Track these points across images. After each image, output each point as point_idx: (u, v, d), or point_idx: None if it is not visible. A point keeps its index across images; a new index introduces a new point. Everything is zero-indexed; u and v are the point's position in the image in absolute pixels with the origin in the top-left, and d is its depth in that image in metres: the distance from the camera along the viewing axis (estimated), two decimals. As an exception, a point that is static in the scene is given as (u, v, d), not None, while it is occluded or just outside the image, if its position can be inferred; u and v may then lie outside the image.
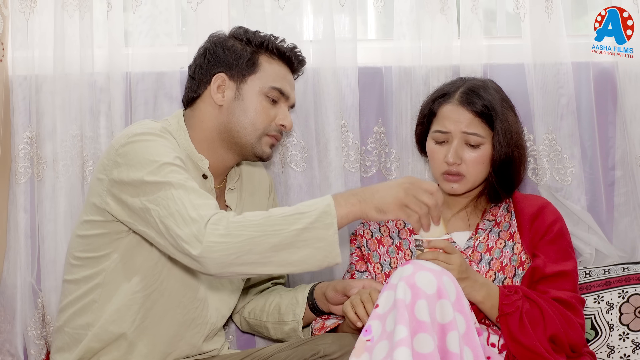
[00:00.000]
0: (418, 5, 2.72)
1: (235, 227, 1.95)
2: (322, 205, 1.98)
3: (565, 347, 2.22)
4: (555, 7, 2.68)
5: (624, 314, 2.53)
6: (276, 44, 2.34)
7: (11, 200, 2.71)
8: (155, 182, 2.07)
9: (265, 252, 1.96)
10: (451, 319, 1.94)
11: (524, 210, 2.38)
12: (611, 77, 2.75)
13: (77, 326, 2.26)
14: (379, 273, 2.41)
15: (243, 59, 2.30)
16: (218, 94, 2.30)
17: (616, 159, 2.77)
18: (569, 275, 2.30)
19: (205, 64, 2.32)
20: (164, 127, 2.25)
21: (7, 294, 2.71)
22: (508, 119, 2.36)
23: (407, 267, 2.00)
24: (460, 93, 2.38)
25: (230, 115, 2.29)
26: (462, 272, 2.15)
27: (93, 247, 2.24)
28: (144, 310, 2.23)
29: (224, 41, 2.34)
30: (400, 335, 1.89)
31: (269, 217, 1.97)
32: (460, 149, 2.34)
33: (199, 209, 1.99)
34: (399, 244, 2.41)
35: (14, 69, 2.71)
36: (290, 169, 2.72)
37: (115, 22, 2.67)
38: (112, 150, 2.18)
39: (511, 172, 2.38)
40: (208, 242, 1.94)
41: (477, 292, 2.20)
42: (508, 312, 2.17)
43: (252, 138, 2.30)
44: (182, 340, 2.29)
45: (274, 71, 2.33)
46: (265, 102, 2.31)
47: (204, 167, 2.29)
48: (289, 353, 2.21)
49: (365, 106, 2.77)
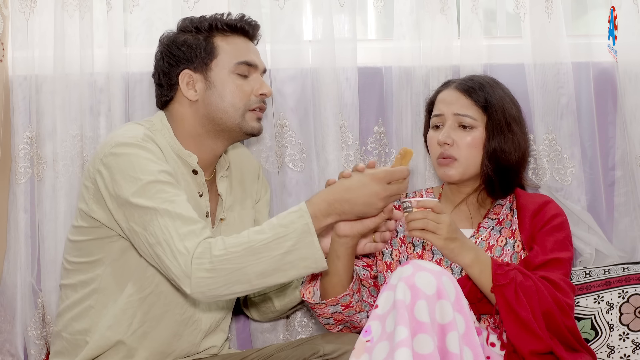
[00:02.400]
0: (418, 6, 2.72)
1: (219, 261, 2.00)
2: (300, 224, 2.01)
3: (562, 329, 2.19)
4: (555, 7, 2.68)
5: (624, 314, 2.52)
6: (224, 20, 2.31)
7: (11, 200, 2.71)
8: (141, 207, 2.08)
9: (253, 280, 2.01)
10: (451, 319, 1.94)
11: (526, 206, 2.37)
12: (611, 77, 2.75)
13: (74, 332, 2.26)
14: (380, 260, 2.42)
15: (200, 48, 2.28)
16: (189, 90, 2.28)
17: (616, 159, 2.77)
18: (561, 262, 2.28)
19: (167, 68, 2.31)
20: (147, 134, 2.22)
21: (7, 294, 2.71)
22: (505, 106, 2.37)
23: (406, 267, 2.00)
24: (458, 80, 2.44)
25: (208, 106, 2.28)
26: (452, 233, 2.15)
27: (85, 252, 2.25)
28: (141, 314, 2.23)
29: (174, 39, 2.31)
30: (401, 336, 1.89)
31: (250, 246, 2.00)
32: (453, 130, 2.36)
33: (185, 240, 2.03)
34: (403, 237, 2.41)
35: (14, 69, 2.71)
36: (289, 169, 2.72)
37: (114, 22, 2.67)
38: (97, 159, 2.19)
39: (506, 164, 2.36)
40: (196, 278, 2.00)
41: (465, 255, 2.18)
42: (503, 283, 2.16)
43: (236, 119, 2.28)
44: (181, 339, 2.29)
45: (233, 47, 2.30)
46: (237, 80, 2.29)
47: (193, 163, 2.28)
48: (289, 352, 2.22)
49: (366, 106, 2.77)
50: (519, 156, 2.38)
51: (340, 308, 2.29)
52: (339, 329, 2.37)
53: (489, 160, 2.34)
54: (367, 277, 2.41)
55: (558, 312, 2.18)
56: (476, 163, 2.37)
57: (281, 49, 2.72)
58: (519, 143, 2.38)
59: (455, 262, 2.19)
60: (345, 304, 2.28)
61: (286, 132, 2.71)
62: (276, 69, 2.72)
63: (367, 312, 2.34)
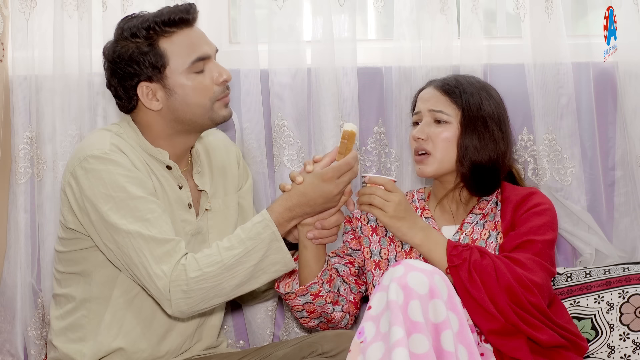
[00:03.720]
0: (418, 6, 2.72)
1: (195, 282, 2.07)
2: (266, 234, 2.11)
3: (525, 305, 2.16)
4: (555, 7, 2.68)
5: (625, 314, 2.52)
6: (160, 19, 2.17)
7: (11, 200, 2.71)
8: (114, 227, 2.10)
9: (229, 292, 2.12)
10: (444, 318, 1.94)
11: (510, 198, 2.36)
12: (611, 77, 2.75)
13: (69, 340, 2.25)
14: (368, 259, 2.42)
15: (148, 60, 2.16)
16: (152, 101, 2.21)
17: (616, 159, 2.77)
18: (533, 243, 2.25)
19: (121, 84, 2.21)
20: (114, 143, 2.18)
21: (8, 294, 2.72)
22: (482, 104, 2.35)
23: (398, 267, 2.00)
24: (438, 79, 2.45)
25: (174, 112, 2.21)
26: (399, 212, 2.22)
27: (70, 262, 2.25)
28: (132, 316, 2.23)
29: (118, 52, 2.19)
30: (396, 337, 1.89)
31: (224, 264, 2.08)
32: (427, 126, 2.36)
33: (161, 263, 2.07)
34: (392, 236, 2.41)
35: (14, 69, 2.72)
36: (287, 168, 2.72)
37: (111, 22, 2.66)
38: (67, 171, 2.19)
39: (480, 162, 2.33)
40: (175, 300, 2.07)
41: (414, 234, 2.25)
42: (457, 263, 2.18)
43: (206, 114, 2.23)
44: (175, 331, 2.28)
45: (180, 45, 2.18)
46: (195, 77, 2.20)
47: (165, 159, 2.25)
48: (288, 351, 2.22)
49: (365, 106, 2.77)
50: (494, 156, 2.34)
51: (310, 298, 2.32)
52: (314, 324, 2.39)
53: (463, 157, 2.33)
54: (348, 274, 2.42)
55: (519, 288, 2.16)
56: (451, 158, 2.36)
57: (280, 49, 2.72)
58: (495, 142, 2.34)
59: (404, 241, 2.28)
60: (314, 293, 2.31)
61: (284, 132, 2.71)
62: (275, 69, 2.72)
63: (343, 306, 2.37)
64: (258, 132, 2.73)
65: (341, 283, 2.40)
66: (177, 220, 2.24)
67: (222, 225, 2.36)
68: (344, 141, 2.19)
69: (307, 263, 2.29)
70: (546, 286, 2.24)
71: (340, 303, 2.37)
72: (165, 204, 2.22)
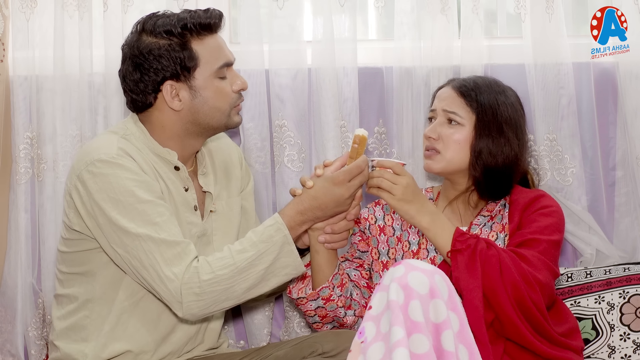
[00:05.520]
0: (419, 6, 2.72)
1: (207, 284, 2.07)
2: (279, 237, 2.12)
3: (527, 301, 2.15)
4: (555, 7, 2.68)
5: (625, 314, 2.52)
6: (197, 21, 2.19)
7: (12, 200, 2.72)
8: (123, 230, 2.09)
9: (241, 295, 2.12)
10: (445, 318, 1.94)
11: (518, 200, 2.36)
12: (612, 77, 2.75)
13: (71, 340, 2.25)
14: (376, 260, 2.42)
15: (180, 59, 2.17)
16: (174, 101, 2.21)
17: (617, 159, 2.77)
18: (538, 242, 2.25)
19: (144, 78, 2.19)
20: (121, 147, 2.17)
21: (8, 294, 2.72)
22: (498, 109, 2.34)
23: (398, 267, 2.00)
24: (458, 79, 2.44)
25: (194, 114, 2.22)
26: (407, 195, 2.22)
27: (74, 263, 2.24)
28: (137, 318, 2.22)
29: (145, 46, 2.18)
30: (397, 337, 1.88)
31: (237, 267, 2.09)
32: (440, 125, 2.36)
33: (172, 265, 2.07)
34: (399, 236, 2.41)
35: (14, 69, 2.72)
36: (287, 168, 2.72)
37: (112, 22, 2.68)
38: (73, 174, 2.18)
39: (494, 166, 2.32)
40: (187, 303, 2.08)
41: (422, 217, 2.24)
42: (459, 248, 2.19)
43: (223, 118, 2.25)
44: (178, 332, 2.28)
45: (211, 50, 2.21)
46: (218, 82, 2.22)
47: (173, 160, 2.25)
48: (288, 351, 2.22)
49: (366, 106, 2.77)
50: (509, 161, 2.34)
51: (321, 302, 2.32)
52: (327, 329, 2.38)
53: (476, 161, 2.33)
54: (359, 277, 2.42)
55: (523, 284, 2.16)
56: (461, 160, 2.35)
57: (280, 49, 2.72)
58: (510, 147, 2.34)
59: (412, 224, 2.27)
60: (326, 297, 2.31)
61: (285, 132, 2.71)
62: (275, 69, 2.72)
63: (355, 311, 2.37)
64: (261, 132, 2.73)
65: (354, 288, 2.40)
66: (183, 223, 2.24)
67: (226, 227, 2.36)
68: (355, 145, 2.21)
69: (320, 268, 2.30)
70: (548, 286, 2.24)
71: (352, 307, 2.37)
72: (172, 206, 2.22)
